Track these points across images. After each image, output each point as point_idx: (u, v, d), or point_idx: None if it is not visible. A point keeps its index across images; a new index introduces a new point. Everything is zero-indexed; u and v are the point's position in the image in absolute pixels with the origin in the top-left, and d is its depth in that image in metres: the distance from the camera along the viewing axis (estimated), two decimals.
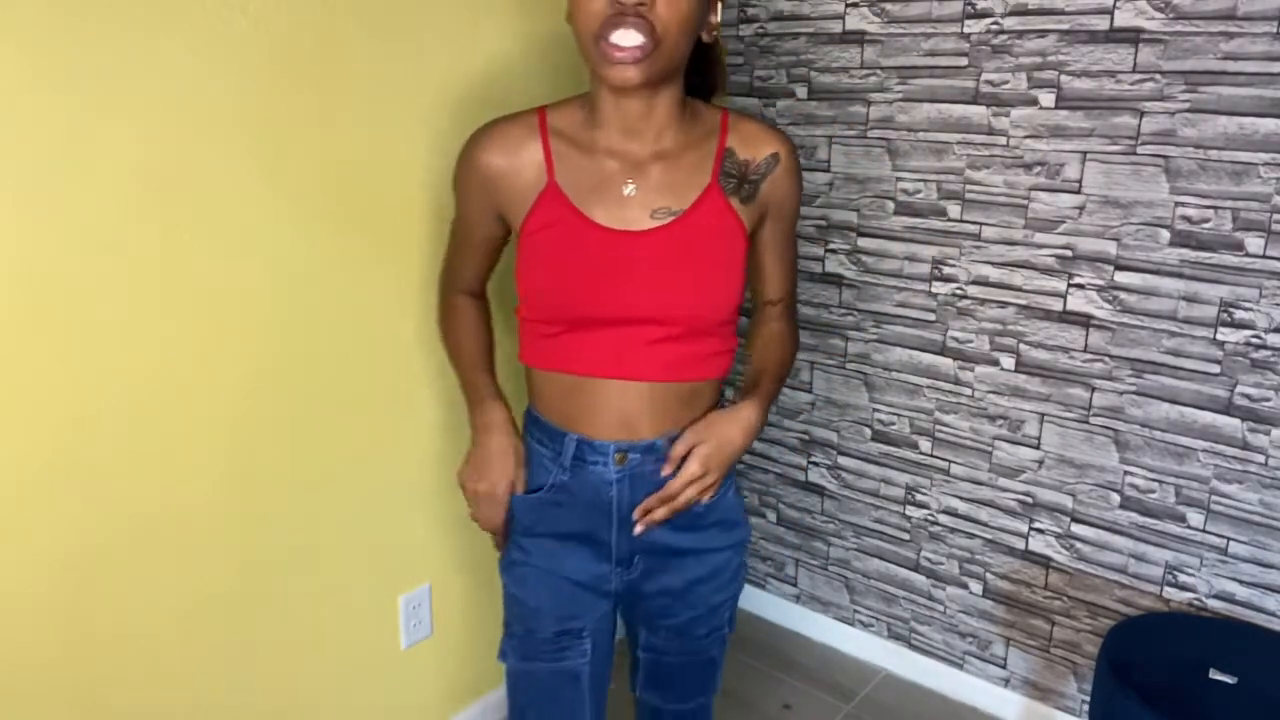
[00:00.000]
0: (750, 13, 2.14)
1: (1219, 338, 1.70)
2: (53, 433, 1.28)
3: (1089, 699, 1.80)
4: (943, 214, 1.96)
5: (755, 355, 1.34)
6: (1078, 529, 1.93)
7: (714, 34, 1.18)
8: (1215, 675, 1.71)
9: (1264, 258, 1.63)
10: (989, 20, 1.83)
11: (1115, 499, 1.87)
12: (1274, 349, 1.65)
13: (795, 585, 2.42)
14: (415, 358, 1.72)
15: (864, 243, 2.09)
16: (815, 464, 2.30)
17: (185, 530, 1.44)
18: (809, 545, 2.37)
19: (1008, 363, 1.95)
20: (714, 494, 1.25)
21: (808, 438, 2.30)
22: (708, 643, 1.36)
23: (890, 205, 2.03)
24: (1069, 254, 1.82)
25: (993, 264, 1.92)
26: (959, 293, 1.98)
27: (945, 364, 2.03)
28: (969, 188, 1.92)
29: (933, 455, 2.10)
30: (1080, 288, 1.82)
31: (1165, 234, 1.72)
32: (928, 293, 2.02)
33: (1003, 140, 1.86)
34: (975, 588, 2.10)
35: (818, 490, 2.31)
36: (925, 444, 2.10)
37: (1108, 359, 1.82)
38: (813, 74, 2.08)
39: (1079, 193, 1.79)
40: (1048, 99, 1.79)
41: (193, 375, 1.40)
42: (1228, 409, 1.72)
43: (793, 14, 2.08)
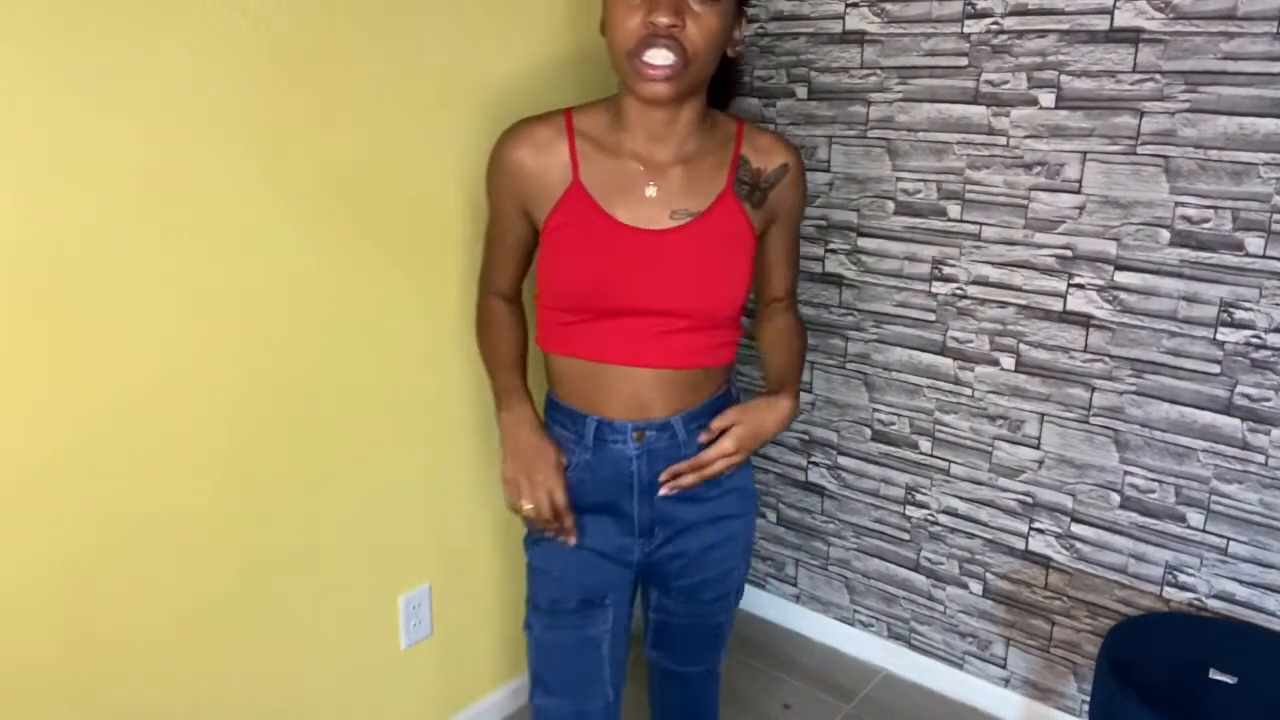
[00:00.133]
0: (750, 13, 2.13)
1: (1219, 338, 1.70)
2: (53, 432, 1.28)
3: (1089, 699, 1.80)
4: (943, 214, 1.96)
5: (772, 350, 1.42)
6: (1078, 529, 1.93)
7: (737, 49, 1.27)
8: (1215, 675, 1.71)
9: (1264, 258, 1.63)
10: (989, 20, 1.83)
11: (1115, 499, 1.87)
12: (1274, 349, 1.65)
13: (795, 585, 2.42)
14: (415, 358, 1.72)
15: (864, 243, 2.09)
16: (815, 464, 2.30)
17: (185, 530, 1.44)
18: (809, 545, 2.37)
19: (1008, 363, 1.95)
20: (735, 469, 1.35)
21: (808, 438, 2.30)
22: (714, 607, 1.44)
23: (890, 205, 2.03)
24: (1069, 254, 1.82)
25: (993, 264, 1.92)
26: (959, 293, 1.98)
27: (945, 364, 2.03)
28: (969, 188, 1.92)
29: (933, 455, 2.10)
30: (1080, 288, 1.82)
31: (1165, 234, 1.72)
32: (928, 293, 2.02)
33: (1003, 140, 1.86)
34: (975, 588, 2.11)
35: (818, 490, 2.31)
36: (925, 444, 2.10)
37: (1108, 359, 1.82)
38: (813, 74, 2.08)
39: (1079, 193, 1.79)
40: (1048, 99, 1.79)
41: (192, 375, 1.41)
42: (1228, 409, 1.72)
43: (793, 14, 2.08)
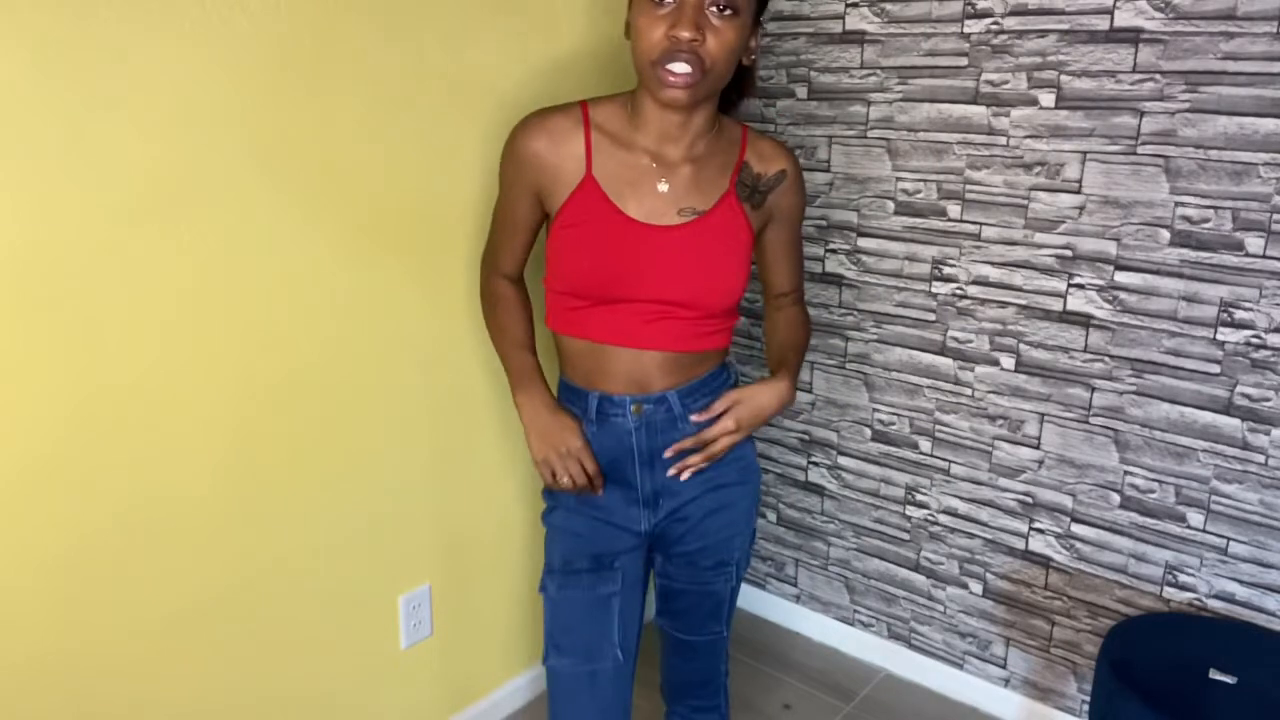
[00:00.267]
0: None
1: (1219, 338, 1.70)
2: (53, 431, 1.28)
3: (1089, 699, 1.80)
4: (943, 214, 1.96)
5: (774, 339, 1.52)
6: (1078, 529, 1.93)
7: (752, 58, 1.34)
8: (1215, 675, 1.71)
9: (1264, 258, 1.63)
10: (989, 20, 1.83)
11: (1115, 499, 1.87)
12: (1274, 349, 1.66)
13: (795, 585, 2.42)
14: (416, 358, 1.72)
15: (864, 243, 2.09)
16: (815, 464, 2.30)
17: (184, 530, 1.44)
18: (809, 545, 2.37)
19: (1008, 363, 1.95)
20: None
21: (808, 438, 2.30)
22: (714, 575, 1.49)
23: (890, 205, 2.03)
24: (1069, 254, 1.82)
25: (993, 264, 1.92)
26: (959, 293, 1.98)
27: (945, 364, 2.03)
28: (969, 188, 1.92)
29: (933, 455, 2.10)
30: (1080, 288, 1.82)
31: (1165, 234, 1.72)
32: (928, 293, 2.02)
33: (1003, 140, 1.86)
34: (975, 588, 2.11)
35: (818, 490, 2.31)
36: (925, 444, 2.10)
37: (1108, 359, 1.82)
38: (813, 74, 2.08)
39: (1079, 193, 1.79)
40: (1048, 99, 1.79)
41: (192, 374, 1.41)
42: (1228, 409, 1.72)
43: (793, 14, 2.08)
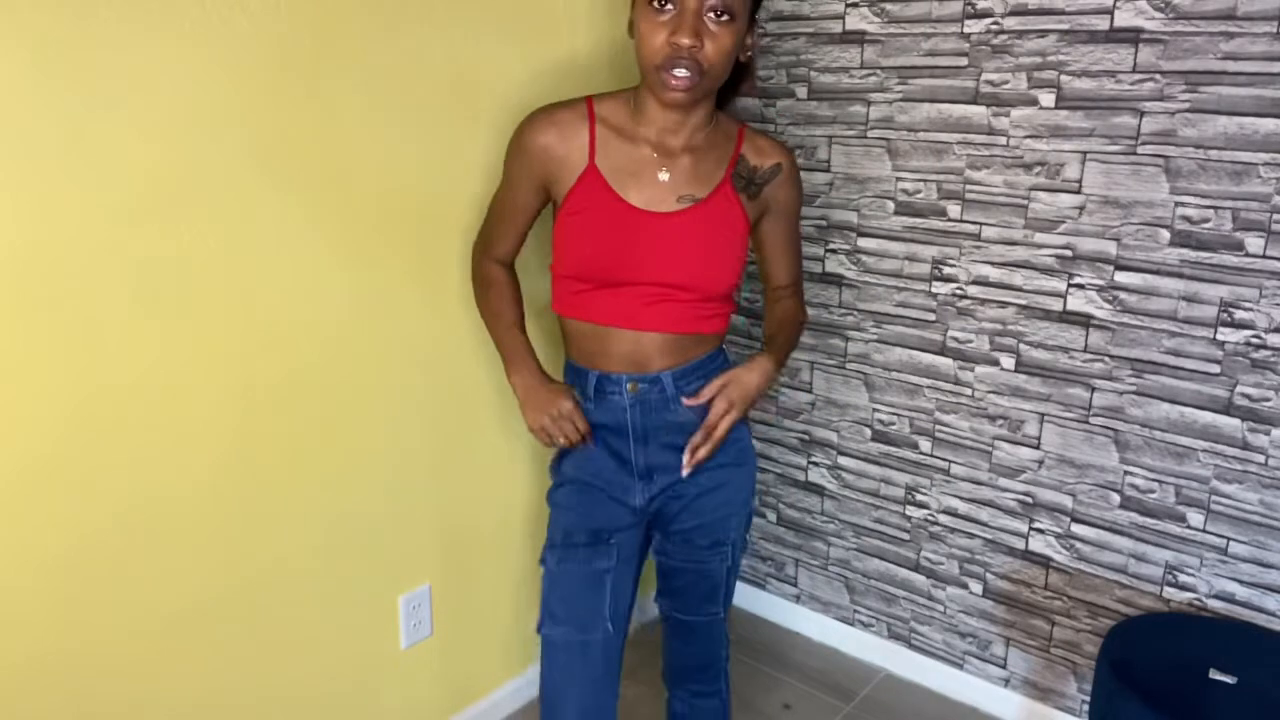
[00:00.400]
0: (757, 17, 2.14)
1: (1219, 338, 1.70)
2: (52, 431, 1.28)
3: (1089, 699, 1.80)
4: (943, 214, 1.96)
5: (770, 327, 1.59)
6: (1078, 529, 1.93)
7: (748, 54, 1.40)
8: (1215, 675, 1.71)
9: (1264, 258, 1.63)
10: (989, 20, 1.83)
11: (1115, 499, 1.87)
12: (1274, 349, 1.65)
13: (795, 585, 2.42)
14: (416, 358, 1.72)
15: (864, 243, 2.09)
16: (815, 464, 2.30)
17: (184, 530, 1.44)
18: (809, 545, 2.37)
19: (1008, 363, 1.95)
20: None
21: (808, 438, 2.30)
22: (710, 555, 1.54)
23: (890, 205, 2.03)
24: (1069, 254, 1.82)
25: (993, 264, 1.92)
26: (959, 293, 1.98)
27: (945, 364, 2.03)
28: (969, 188, 1.92)
29: (933, 455, 2.10)
30: (1080, 288, 1.82)
31: (1165, 234, 1.72)
32: (928, 293, 2.02)
33: (1003, 140, 1.86)
34: (975, 588, 2.11)
35: (818, 490, 2.31)
36: (925, 444, 2.10)
37: (1108, 359, 1.82)
38: (813, 74, 2.08)
39: (1079, 193, 1.79)
40: (1048, 99, 1.79)
41: (193, 375, 1.41)
42: (1228, 409, 1.72)
43: (793, 14, 2.08)
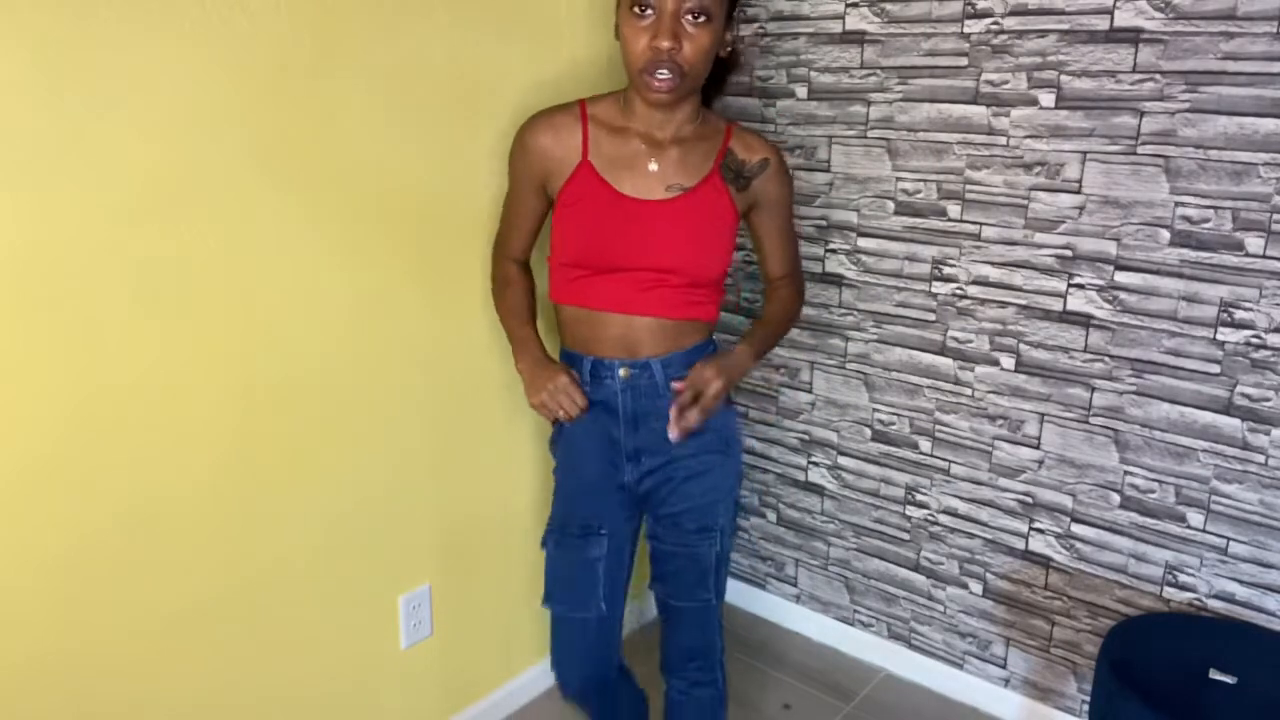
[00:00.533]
0: (750, 13, 2.14)
1: (1219, 338, 1.70)
2: (52, 431, 1.28)
3: (1089, 699, 1.80)
4: (943, 214, 1.96)
5: (762, 317, 1.65)
6: (1078, 529, 1.93)
7: (728, 50, 1.47)
8: (1215, 675, 1.71)
9: (1264, 258, 1.63)
10: (989, 20, 1.83)
11: (1115, 499, 1.87)
12: (1274, 349, 1.65)
13: (795, 585, 2.42)
14: (416, 358, 1.72)
15: (864, 243, 2.09)
16: (815, 464, 2.30)
17: (184, 530, 1.44)
18: (809, 545, 2.37)
19: (1008, 363, 1.95)
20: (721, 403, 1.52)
21: (808, 438, 2.30)
22: (697, 538, 1.58)
23: (890, 205, 2.03)
24: (1069, 254, 1.82)
25: (993, 264, 1.92)
26: (959, 293, 1.98)
27: (945, 364, 2.03)
28: (969, 188, 1.92)
29: (933, 455, 2.10)
30: (1080, 288, 1.82)
31: (1165, 234, 1.72)
32: (928, 293, 2.02)
33: (1003, 140, 1.86)
34: (975, 588, 2.11)
35: (818, 490, 2.31)
36: (925, 444, 2.10)
37: (1108, 359, 1.82)
38: (813, 74, 2.08)
39: (1079, 193, 1.79)
40: (1048, 99, 1.79)
41: (193, 375, 1.41)
42: (1228, 409, 1.72)
43: (793, 14, 2.08)
